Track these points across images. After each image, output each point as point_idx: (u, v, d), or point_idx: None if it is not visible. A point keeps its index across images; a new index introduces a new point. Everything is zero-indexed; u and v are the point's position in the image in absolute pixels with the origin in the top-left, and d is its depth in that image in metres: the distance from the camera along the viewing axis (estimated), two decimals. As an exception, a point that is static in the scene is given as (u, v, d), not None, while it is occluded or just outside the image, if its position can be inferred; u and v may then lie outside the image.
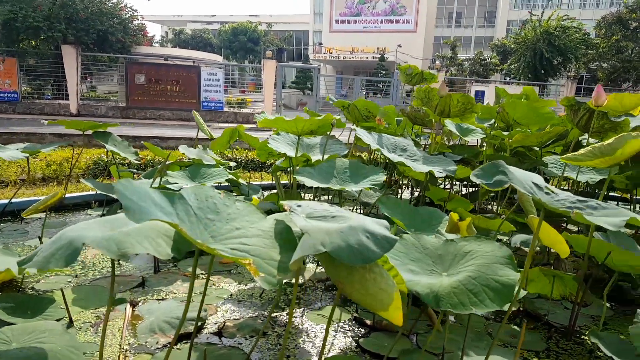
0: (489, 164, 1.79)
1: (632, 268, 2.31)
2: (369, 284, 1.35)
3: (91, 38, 21.39)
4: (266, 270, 1.28)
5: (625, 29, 26.85)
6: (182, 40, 49.39)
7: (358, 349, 2.23)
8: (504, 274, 1.54)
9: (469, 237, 1.77)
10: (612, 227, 1.50)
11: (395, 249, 1.78)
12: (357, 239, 1.30)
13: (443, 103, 3.52)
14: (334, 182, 2.76)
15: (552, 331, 2.51)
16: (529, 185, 1.69)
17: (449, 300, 1.48)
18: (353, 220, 1.39)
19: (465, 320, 2.58)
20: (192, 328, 2.32)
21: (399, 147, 3.18)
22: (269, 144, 3.29)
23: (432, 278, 1.62)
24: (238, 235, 1.39)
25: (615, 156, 2.10)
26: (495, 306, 1.46)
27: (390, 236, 1.37)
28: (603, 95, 2.99)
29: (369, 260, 1.27)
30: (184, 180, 3.32)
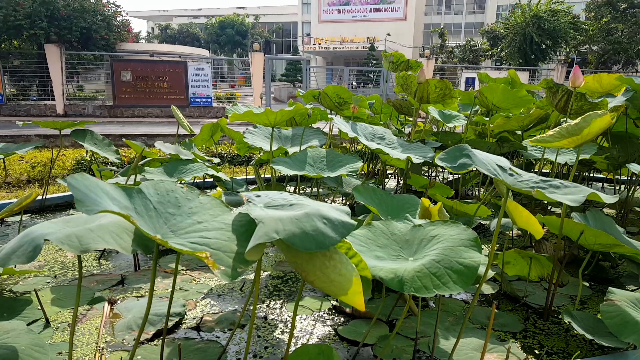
0: (453, 148, 1.80)
1: (605, 247, 2.32)
2: (330, 270, 1.35)
3: (74, 36, 21.14)
4: (226, 262, 1.28)
5: (615, 10, 26.84)
6: (168, 36, 49.01)
7: (336, 337, 2.24)
8: (468, 256, 1.54)
9: (436, 222, 1.77)
10: (572, 203, 1.51)
11: (363, 235, 1.78)
12: (312, 225, 1.30)
13: (422, 89, 3.52)
14: (310, 170, 2.76)
15: (530, 312, 2.53)
16: (492, 168, 1.69)
17: (413, 284, 1.48)
18: (310, 207, 1.38)
19: (446, 304, 2.59)
20: (171, 324, 2.33)
21: (377, 136, 3.18)
22: (245, 138, 3.27)
23: (398, 263, 1.63)
24: (199, 229, 1.39)
25: (582, 135, 2.11)
26: (459, 288, 1.47)
27: (347, 221, 1.37)
28: (580, 77, 2.99)
29: (324, 245, 1.27)
30: (161, 176, 3.31)
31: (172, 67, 18.90)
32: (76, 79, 25.33)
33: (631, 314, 1.77)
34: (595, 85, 4.18)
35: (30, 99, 19.62)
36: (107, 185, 1.35)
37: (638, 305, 1.87)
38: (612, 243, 2.22)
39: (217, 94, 23.17)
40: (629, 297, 1.90)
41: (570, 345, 2.20)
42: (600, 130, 2.13)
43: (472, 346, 2.12)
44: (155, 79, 18.63)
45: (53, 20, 20.58)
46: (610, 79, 3.96)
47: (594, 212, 2.82)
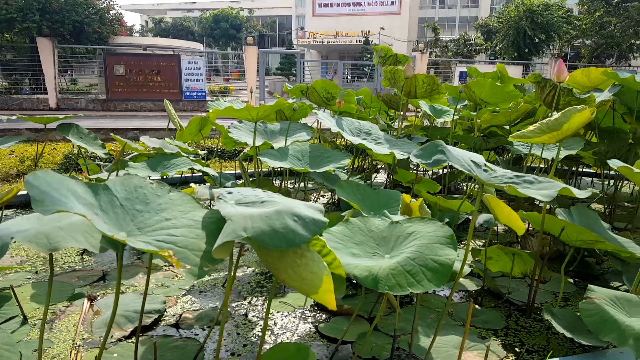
0: (429, 144, 1.78)
1: (587, 243, 2.31)
2: (301, 269, 1.32)
3: (67, 29, 20.97)
4: (192, 261, 1.25)
5: (608, 4, 26.84)
6: (162, 30, 48.70)
7: (317, 334, 2.22)
8: (443, 253, 1.53)
9: (414, 219, 1.75)
10: (544, 198, 1.50)
11: (340, 232, 1.76)
12: (282, 222, 1.27)
13: (409, 84, 3.49)
14: (297, 164, 2.74)
15: (512, 309, 2.51)
16: (467, 164, 1.68)
17: (387, 282, 1.46)
18: (282, 204, 1.36)
19: (429, 301, 2.58)
20: (150, 321, 2.30)
21: (363, 131, 3.15)
22: (230, 133, 3.24)
23: (374, 260, 1.61)
24: (167, 226, 1.36)
25: (562, 130, 2.09)
26: (433, 286, 1.45)
27: (319, 219, 1.34)
28: (564, 71, 2.97)
29: (294, 243, 1.25)
30: (144, 171, 3.27)
31: (166, 61, 18.76)
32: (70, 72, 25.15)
33: (610, 313, 1.76)
34: (583, 80, 4.17)
35: (23, 92, 19.45)
36: (73, 182, 1.33)
37: (617, 303, 1.86)
38: (594, 239, 2.21)
39: (211, 87, 23.07)
40: (608, 295, 1.89)
41: (552, 343, 2.19)
42: (580, 126, 2.11)
43: (453, 344, 2.11)
44: (149, 73, 18.49)
45: (45, 13, 20.39)
46: (598, 73, 3.95)
47: (579, 207, 2.82)
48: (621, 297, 1.89)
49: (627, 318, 1.77)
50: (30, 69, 19.43)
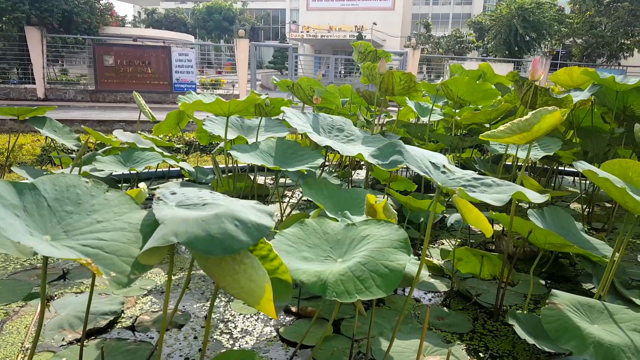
0: (386, 144, 1.71)
1: (555, 246, 2.26)
2: (240, 276, 1.26)
3: (56, 19, 20.70)
4: (119, 268, 1.18)
5: (599, 4, 26.88)
6: (155, 21, 48.23)
7: (277, 337, 2.16)
8: (395, 258, 1.47)
9: (370, 221, 1.69)
10: (496, 203, 1.44)
11: (294, 234, 1.69)
12: (220, 227, 1.20)
13: (386, 81, 3.42)
14: (270, 161, 2.67)
15: (480, 312, 2.46)
16: (424, 165, 1.62)
17: (335, 289, 1.40)
18: (224, 207, 1.29)
19: (396, 302, 2.52)
20: (105, 323, 2.23)
21: (336, 127, 3.08)
22: (204, 126, 3.17)
23: (325, 265, 1.54)
24: (97, 230, 1.29)
25: (533, 132, 2.03)
26: (382, 293, 1.39)
27: (262, 224, 1.28)
28: (539, 70, 2.91)
29: (231, 249, 1.19)
30: (114, 166, 3.19)
31: (156, 52, 18.59)
32: (61, 62, 24.88)
33: (572, 319, 1.71)
34: (566, 79, 4.12)
35: (11, 82, 19.21)
36: (-2, 181, 1.25)
37: (580, 309, 1.81)
38: (562, 243, 2.16)
39: (202, 80, 22.90)
40: (571, 300, 1.84)
41: (517, 348, 2.14)
42: (550, 127, 2.05)
43: (415, 348, 2.05)
44: (139, 64, 18.31)
45: (34, 2, 20.11)
46: (580, 72, 3.91)
47: (552, 208, 2.77)
48: (584, 303, 1.84)
49: (589, 325, 1.72)
50: (18, 58, 19.19)
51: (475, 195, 1.48)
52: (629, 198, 1.62)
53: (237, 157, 2.51)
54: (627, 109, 3.83)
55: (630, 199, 1.63)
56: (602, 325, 1.73)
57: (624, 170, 2.06)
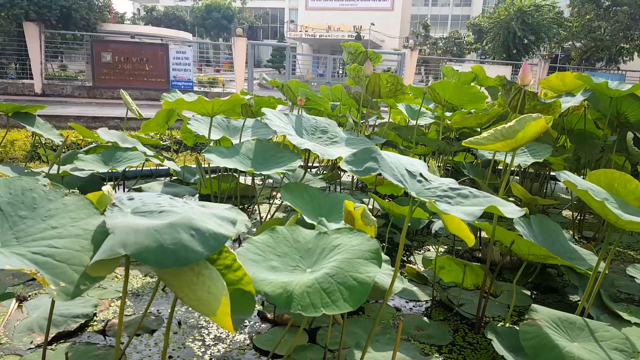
0: (362, 150, 1.65)
1: (539, 257, 2.20)
2: (198, 287, 1.20)
3: (54, 15, 20.64)
4: (68, 278, 1.12)
5: (599, 7, 26.85)
6: (154, 18, 48.13)
7: (250, 346, 2.10)
8: (365, 270, 1.40)
9: (342, 229, 1.63)
10: (467, 217, 1.38)
11: (263, 242, 1.63)
12: (174, 237, 1.14)
13: (373, 83, 3.37)
14: (247, 164, 2.60)
15: (461, 323, 2.41)
16: (399, 174, 1.56)
17: (300, 302, 1.34)
18: (180, 215, 1.23)
19: (376, 311, 2.46)
20: (76, 326, 2.17)
21: (320, 129, 3.02)
22: (189, 125, 3.10)
23: (293, 275, 1.48)
24: (51, 236, 1.22)
25: (516, 139, 1.98)
26: (349, 307, 1.33)
27: (220, 233, 1.22)
28: (529, 75, 2.86)
29: (185, 261, 1.13)
30: (95, 165, 3.12)
31: (154, 50, 18.53)
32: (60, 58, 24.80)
33: (551, 337, 1.65)
34: (558, 84, 4.07)
35: (9, 77, 19.12)
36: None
37: (561, 326, 1.75)
38: (545, 254, 2.10)
39: (199, 78, 22.84)
40: (551, 316, 1.78)
41: (497, 361, 2.08)
42: (535, 134, 1.99)
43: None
44: (136, 61, 18.24)
45: (32, -2, 20.05)
46: (573, 77, 3.86)
47: (539, 217, 2.72)
48: (565, 320, 1.78)
49: (569, 343, 1.67)
50: (17, 53, 19.10)
51: (446, 208, 1.42)
52: (609, 211, 1.57)
53: (211, 159, 2.44)
54: (620, 115, 3.77)
55: (609, 212, 1.57)
56: (583, 344, 1.68)
57: (609, 180, 2.01)
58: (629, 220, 1.55)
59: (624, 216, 1.57)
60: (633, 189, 1.94)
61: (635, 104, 3.57)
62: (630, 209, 1.83)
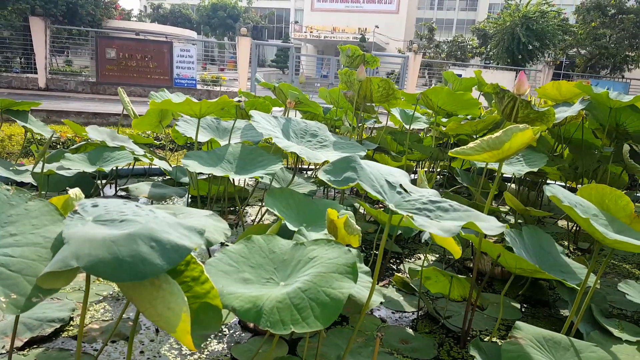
0: (341, 159, 1.60)
1: (526, 272, 2.14)
2: (158, 302, 1.15)
3: (60, 10, 20.67)
4: (21, 290, 1.07)
5: (604, 15, 26.73)
6: (160, 16, 48.14)
7: (229, 356, 2.05)
8: (338, 286, 1.35)
9: (319, 241, 1.58)
10: (443, 234, 1.33)
11: (237, 252, 1.58)
12: (132, 249, 1.09)
13: (365, 87, 3.31)
14: (224, 169, 2.55)
15: (446, 337, 2.35)
16: (379, 184, 1.51)
17: (270, 318, 1.28)
18: (141, 225, 1.18)
19: (361, 323, 2.40)
20: (51, 331, 2.12)
21: (309, 133, 2.97)
22: (177, 127, 3.05)
23: (265, 289, 1.43)
24: (8, 244, 1.17)
25: (503, 150, 1.92)
26: (319, 325, 1.27)
27: (183, 245, 1.16)
28: (525, 84, 2.80)
29: (142, 275, 1.07)
30: (81, 165, 3.08)
31: (158, 47, 18.53)
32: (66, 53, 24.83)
33: (532, 358, 1.60)
34: (554, 93, 4.02)
35: (13, 71, 19.13)
36: None
37: (545, 345, 1.70)
38: (532, 269, 2.04)
39: (203, 76, 22.83)
40: (535, 335, 1.72)
41: (481, 377, 2.02)
42: (522, 146, 1.94)
43: (372, 374, 1.94)
44: (140, 58, 18.23)
45: (38, -7, 20.09)
46: (570, 86, 3.80)
47: (531, 228, 2.66)
48: (550, 339, 1.73)
49: (551, 363, 1.61)
50: (22, 47, 19.11)
51: (423, 223, 1.36)
52: (595, 229, 1.51)
53: (187, 165, 2.39)
54: (619, 126, 3.71)
55: (594, 230, 1.52)
56: (566, 364, 1.62)
57: (600, 196, 1.95)
58: (614, 240, 1.49)
59: (610, 235, 1.52)
60: (624, 206, 1.88)
61: (635, 115, 3.50)
62: (619, 227, 1.78)
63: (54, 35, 17.54)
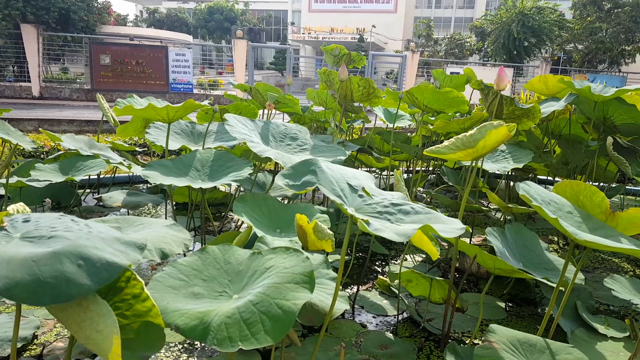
0: (301, 162, 1.52)
1: (505, 272, 2.07)
2: (86, 325, 1.07)
3: (52, 17, 20.59)
4: None
5: (600, 10, 26.63)
6: (156, 20, 48.15)
7: (198, 369, 1.98)
8: (293, 297, 1.27)
9: (277, 249, 1.50)
10: (398, 238, 1.25)
11: (189, 265, 1.50)
12: (55, 269, 1.02)
13: (345, 87, 3.24)
14: (191, 177, 2.47)
15: (426, 341, 2.27)
16: (339, 188, 1.44)
17: (217, 335, 1.21)
18: (70, 241, 1.10)
19: (339, 328, 2.33)
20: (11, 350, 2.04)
21: (289, 136, 2.90)
22: (147, 134, 2.98)
23: (217, 303, 1.35)
24: None
25: (477, 148, 1.84)
26: (269, 340, 1.20)
27: (115, 262, 1.09)
28: (505, 79, 2.72)
29: (67, 297, 1.00)
30: (52, 175, 3.01)
31: (153, 52, 18.47)
32: (62, 61, 24.78)
33: (505, 363, 1.52)
34: (541, 87, 3.93)
35: (7, 79, 19.09)
36: None
37: (519, 348, 1.62)
38: (511, 269, 1.97)
39: (199, 80, 22.80)
40: (510, 337, 1.64)
41: (459, 385, 1.94)
42: (497, 143, 1.86)
43: (345, 385, 1.86)
44: (136, 64, 18.17)
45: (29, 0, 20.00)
46: (556, 81, 3.72)
47: (515, 226, 2.60)
48: (524, 341, 1.65)
49: (525, 370, 1.53)
50: (15, 56, 19.06)
51: (377, 227, 1.29)
52: (564, 229, 1.43)
53: (147, 176, 2.31)
54: (607, 119, 3.63)
55: (564, 230, 1.44)
56: (540, 369, 1.54)
57: (575, 192, 1.87)
58: (584, 240, 1.42)
59: (579, 235, 1.44)
60: (599, 202, 1.80)
61: (622, 108, 3.42)
62: (594, 223, 1.70)
63: (47, 42, 17.48)
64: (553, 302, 1.77)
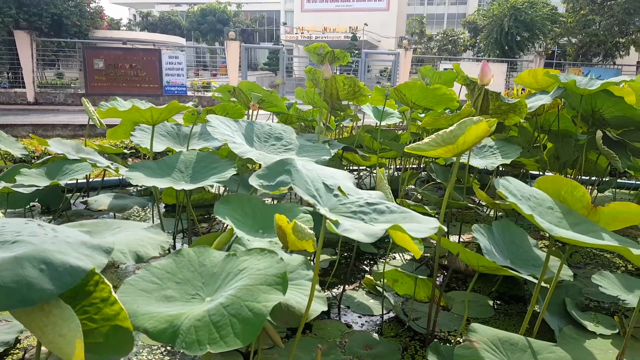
0: (276, 162, 1.51)
1: (489, 269, 2.05)
2: (48, 329, 1.06)
3: (45, 22, 20.55)
4: None
5: (593, 2, 26.66)
6: (150, 23, 48.06)
7: (180, 372, 1.96)
8: (264, 299, 1.26)
9: (252, 251, 1.48)
10: (367, 239, 1.24)
11: (162, 268, 1.48)
12: (16, 274, 1.00)
13: (330, 86, 3.22)
14: (174, 179, 2.45)
15: (411, 340, 2.25)
16: (314, 188, 1.42)
17: (186, 338, 1.19)
18: (33, 246, 1.08)
19: (324, 329, 2.31)
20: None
21: (274, 136, 2.88)
22: (132, 137, 2.96)
23: (187, 306, 1.33)
24: None
25: (457, 144, 1.83)
26: (239, 343, 1.18)
27: (78, 266, 1.07)
28: (488, 74, 2.71)
29: (28, 302, 0.98)
30: (37, 180, 2.98)
31: (146, 55, 18.44)
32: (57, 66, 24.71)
33: (486, 361, 1.50)
34: (531, 81, 3.92)
35: (1, 86, 19.05)
36: None
37: (501, 348, 1.60)
38: (495, 267, 1.95)
39: (193, 82, 22.78)
40: (491, 337, 1.63)
41: (444, 383, 1.92)
42: (477, 139, 1.84)
43: (328, 386, 1.84)
44: (129, 68, 18.14)
45: (22, 6, 19.95)
46: (544, 74, 3.70)
47: (503, 222, 2.57)
48: (506, 340, 1.63)
49: (505, 368, 1.52)
50: (9, 62, 19.02)
51: (347, 227, 1.27)
52: (539, 225, 1.42)
53: (130, 178, 2.29)
54: (595, 112, 3.62)
55: (540, 225, 1.42)
56: (521, 368, 1.52)
57: (557, 187, 1.85)
58: (559, 236, 1.40)
59: (555, 230, 1.42)
60: (580, 197, 1.78)
61: (610, 101, 3.41)
62: (575, 218, 1.68)
63: (41, 48, 17.44)
64: (535, 299, 1.75)
